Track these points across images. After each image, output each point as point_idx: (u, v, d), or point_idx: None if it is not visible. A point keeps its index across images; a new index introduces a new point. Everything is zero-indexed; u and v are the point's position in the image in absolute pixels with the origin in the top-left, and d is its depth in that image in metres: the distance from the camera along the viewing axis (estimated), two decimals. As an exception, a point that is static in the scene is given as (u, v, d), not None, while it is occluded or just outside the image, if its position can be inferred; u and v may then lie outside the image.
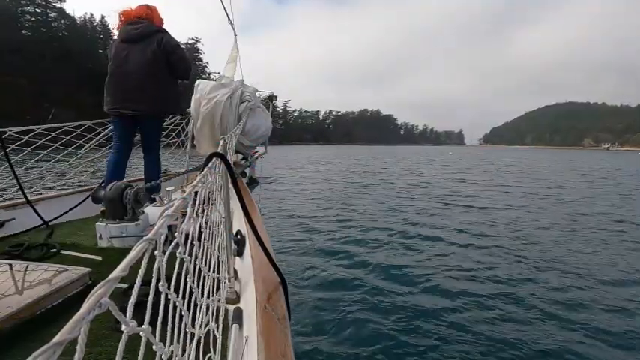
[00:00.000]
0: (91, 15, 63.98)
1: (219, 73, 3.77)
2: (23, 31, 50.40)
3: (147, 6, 2.53)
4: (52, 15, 54.83)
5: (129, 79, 2.38)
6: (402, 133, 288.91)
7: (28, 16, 52.49)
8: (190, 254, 0.60)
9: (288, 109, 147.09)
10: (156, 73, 2.43)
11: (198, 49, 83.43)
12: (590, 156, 63.97)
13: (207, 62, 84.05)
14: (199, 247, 0.72)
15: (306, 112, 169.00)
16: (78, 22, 60.63)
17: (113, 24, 2.64)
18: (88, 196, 2.33)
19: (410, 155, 44.36)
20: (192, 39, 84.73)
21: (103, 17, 63.61)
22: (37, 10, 53.00)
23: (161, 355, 0.39)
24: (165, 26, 2.60)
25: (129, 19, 2.47)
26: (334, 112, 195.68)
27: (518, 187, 12.40)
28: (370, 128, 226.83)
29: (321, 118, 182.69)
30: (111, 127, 2.66)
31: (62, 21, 56.21)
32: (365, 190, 11.31)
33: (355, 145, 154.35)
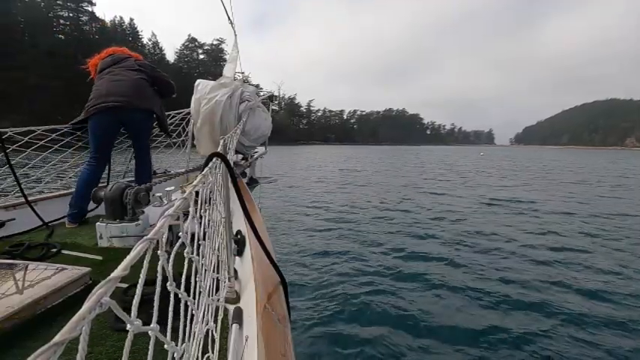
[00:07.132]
0: (121, 18, 65.52)
1: (242, 72, 3.69)
2: (60, 36, 51.89)
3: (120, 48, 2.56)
4: (84, 18, 56.35)
5: (115, 82, 2.26)
6: (428, 132, 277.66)
7: (62, 21, 54.01)
8: (198, 254, 0.60)
9: (312, 108, 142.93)
10: (143, 79, 2.34)
11: (222, 50, 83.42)
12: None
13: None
14: (201, 246, 0.73)
15: (330, 111, 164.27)
16: (108, 24, 61.94)
17: (140, 24, 2.62)
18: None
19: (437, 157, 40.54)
20: (217, 39, 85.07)
21: (131, 20, 66.71)
22: (70, 14, 54.48)
23: (174, 354, 0.39)
24: (184, 26, 2.57)
25: (102, 56, 2.45)
26: (359, 112, 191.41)
27: None
28: (395, 128, 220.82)
29: (345, 117, 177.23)
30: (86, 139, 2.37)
31: (93, 24, 57.71)
32: (365, 190, 11.31)
33: (381, 145, 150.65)
